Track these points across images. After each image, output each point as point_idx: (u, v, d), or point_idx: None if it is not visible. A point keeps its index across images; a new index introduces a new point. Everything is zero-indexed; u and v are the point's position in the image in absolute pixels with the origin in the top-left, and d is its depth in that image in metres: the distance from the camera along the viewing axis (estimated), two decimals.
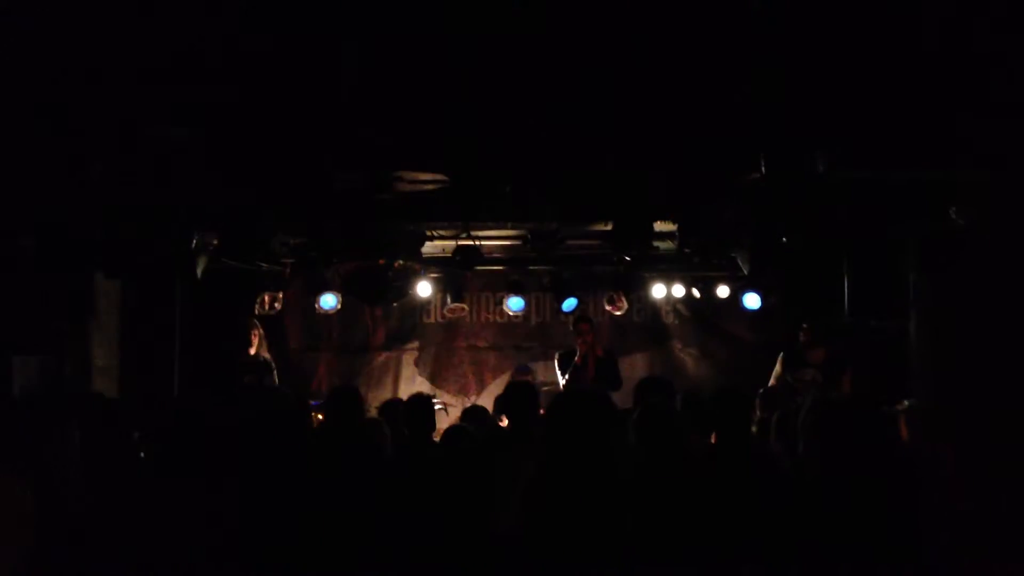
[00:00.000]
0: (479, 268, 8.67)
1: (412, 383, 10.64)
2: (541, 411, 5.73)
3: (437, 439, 6.17)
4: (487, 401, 9.60)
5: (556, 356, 9.11)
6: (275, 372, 8.76)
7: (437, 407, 9.00)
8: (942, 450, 3.69)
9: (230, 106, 5.91)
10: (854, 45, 5.18)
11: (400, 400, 6.86)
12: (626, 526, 2.85)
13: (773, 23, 5.00)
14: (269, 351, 9.02)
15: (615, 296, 9.70)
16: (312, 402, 8.26)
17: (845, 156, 5.78)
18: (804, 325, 9.01)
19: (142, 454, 4.74)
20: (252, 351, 8.61)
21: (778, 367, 8.74)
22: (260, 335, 8.82)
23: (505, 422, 7.89)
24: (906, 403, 5.67)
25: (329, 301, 9.14)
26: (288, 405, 4.85)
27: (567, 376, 8.81)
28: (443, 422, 8.94)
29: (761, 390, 8.37)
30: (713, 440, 4.70)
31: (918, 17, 5.01)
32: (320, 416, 7.99)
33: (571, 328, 9.02)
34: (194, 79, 5.55)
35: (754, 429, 8.09)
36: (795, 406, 7.08)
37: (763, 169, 5.77)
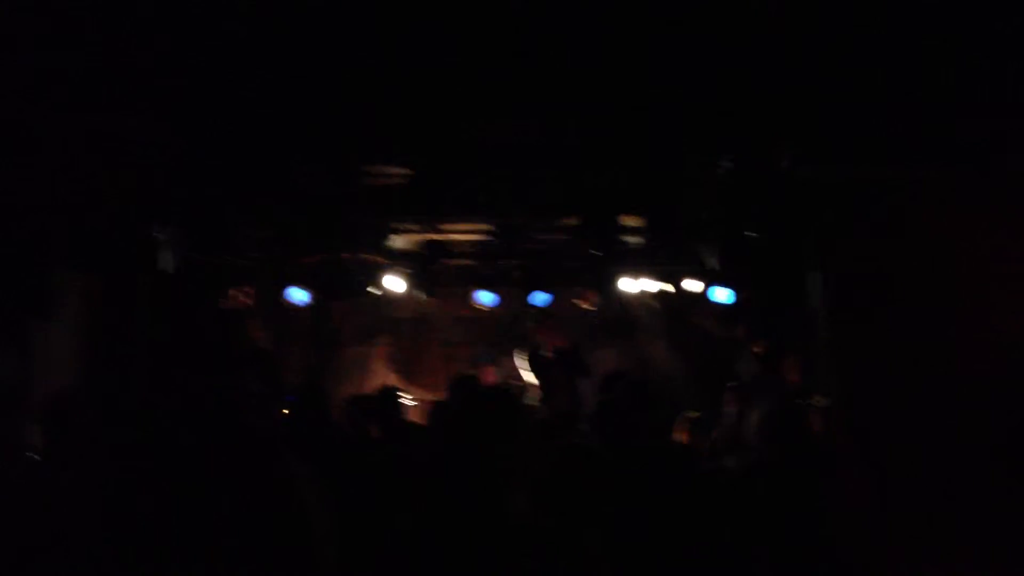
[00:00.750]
0: (448, 263, 8.64)
1: (381, 378, 10.59)
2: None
3: None
4: None
5: (521, 354, 9.09)
6: (274, 363, 8.52)
7: (409, 401, 8.99)
8: (844, 443, 3.74)
9: (196, 98, 5.86)
10: (819, 40, 5.20)
11: (367, 396, 6.82)
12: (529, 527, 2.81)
13: (739, 21, 5.01)
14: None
15: (584, 290, 9.70)
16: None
17: (810, 152, 5.80)
18: (741, 324, 9.09)
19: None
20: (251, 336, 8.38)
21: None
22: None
23: None
24: (821, 400, 5.73)
25: (297, 295, 9.08)
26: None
27: (538, 373, 8.81)
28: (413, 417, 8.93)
29: (730, 384, 8.41)
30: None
31: (884, 13, 5.03)
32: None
33: (532, 324, 9.00)
34: (159, 71, 5.50)
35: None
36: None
37: (728, 164, 5.78)
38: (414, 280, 9.65)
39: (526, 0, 5.24)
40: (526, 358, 8.99)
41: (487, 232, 8.33)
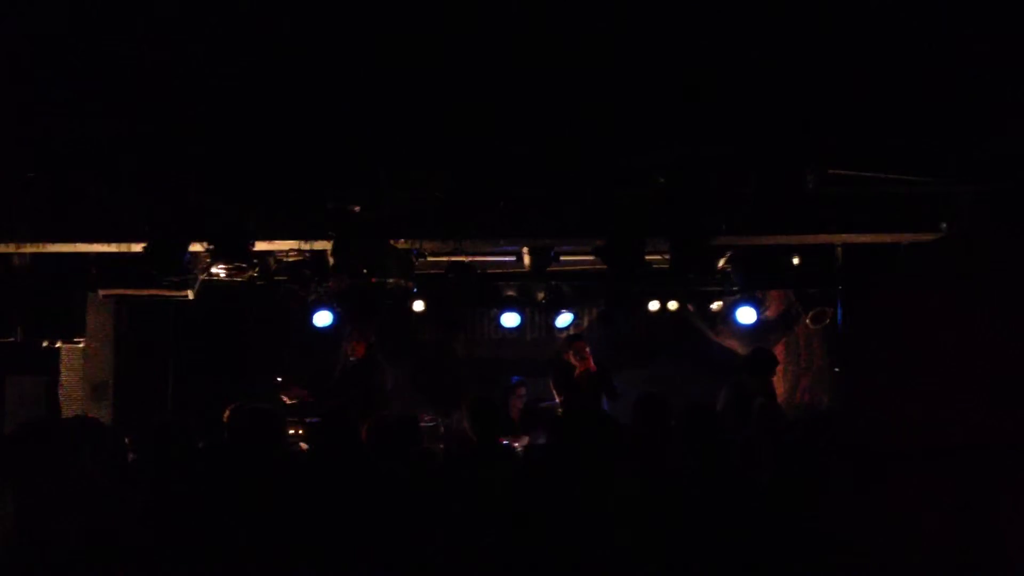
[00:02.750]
0: (473, 284, 8.64)
1: (405, 399, 10.60)
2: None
3: None
4: None
5: (551, 373, 9.06)
6: (386, 373, 8.46)
7: (430, 424, 8.98)
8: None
9: (226, 122, 5.94)
10: (843, 60, 5.20)
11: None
12: (622, 544, 2.85)
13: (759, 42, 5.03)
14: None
15: (609, 311, 9.69)
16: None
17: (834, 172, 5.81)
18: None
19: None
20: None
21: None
22: (369, 341, 8.48)
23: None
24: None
25: (323, 318, 9.13)
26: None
27: (565, 392, 8.78)
28: (437, 438, 8.93)
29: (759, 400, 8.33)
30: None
31: (909, 29, 5.04)
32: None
33: (566, 346, 8.97)
34: (195, 90, 5.58)
35: None
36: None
37: (753, 186, 5.78)
38: (440, 301, 9.67)
39: (552, 22, 5.28)
40: (556, 378, 8.97)
41: (513, 253, 8.35)
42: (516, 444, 7.79)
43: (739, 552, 3.32)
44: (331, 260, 7.16)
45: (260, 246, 7.15)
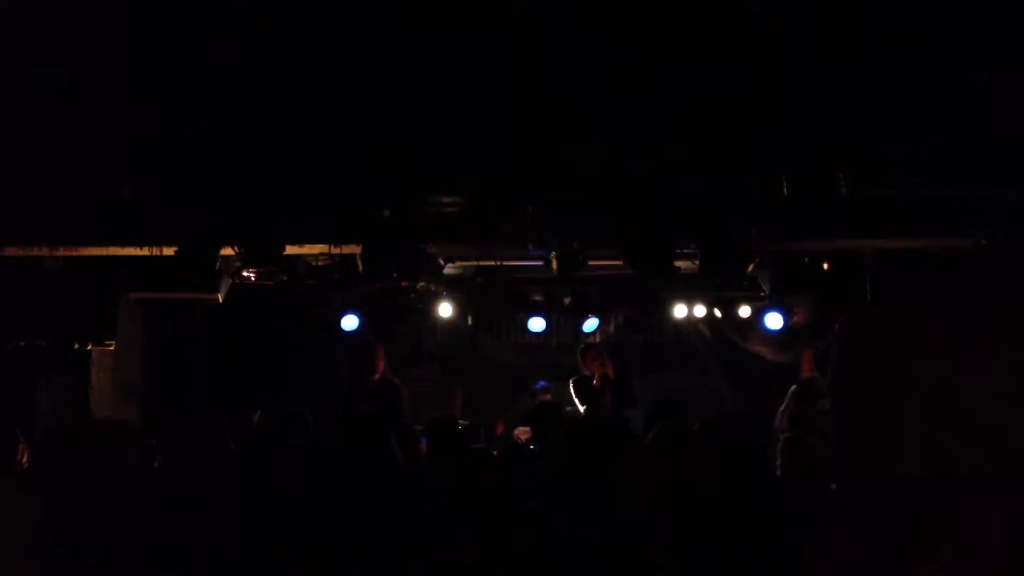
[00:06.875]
0: (500, 289, 8.64)
1: (431, 403, 10.60)
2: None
3: None
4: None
5: (571, 382, 8.99)
6: (404, 397, 8.29)
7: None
8: None
9: (258, 127, 5.97)
10: (879, 66, 5.18)
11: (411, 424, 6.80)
12: (626, 554, 2.84)
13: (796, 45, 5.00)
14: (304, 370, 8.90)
15: (636, 316, 9.67)
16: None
17: (868, 177, 5.77)
18: (805, 354, 8.78)
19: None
20: (378, 375, 8.04)
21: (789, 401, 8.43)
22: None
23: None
24: None
25: (351, 322, 9.17)
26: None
27: (586, 402, 8.73)
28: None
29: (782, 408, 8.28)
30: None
31: (944, 35, 5.01)
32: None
33: (580, 357, 8.81)
34: (228, 95, 5.62)
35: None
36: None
37: (785, 191, 5.75)
38: (466, 305, 9.68)
39: (585, 33, 5.28)
40: (576, 392, 8.91)
41: (540, 258, 8.34)
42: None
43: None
44: (360, 264, 7.19)
45: (290, 250, 7.19)
